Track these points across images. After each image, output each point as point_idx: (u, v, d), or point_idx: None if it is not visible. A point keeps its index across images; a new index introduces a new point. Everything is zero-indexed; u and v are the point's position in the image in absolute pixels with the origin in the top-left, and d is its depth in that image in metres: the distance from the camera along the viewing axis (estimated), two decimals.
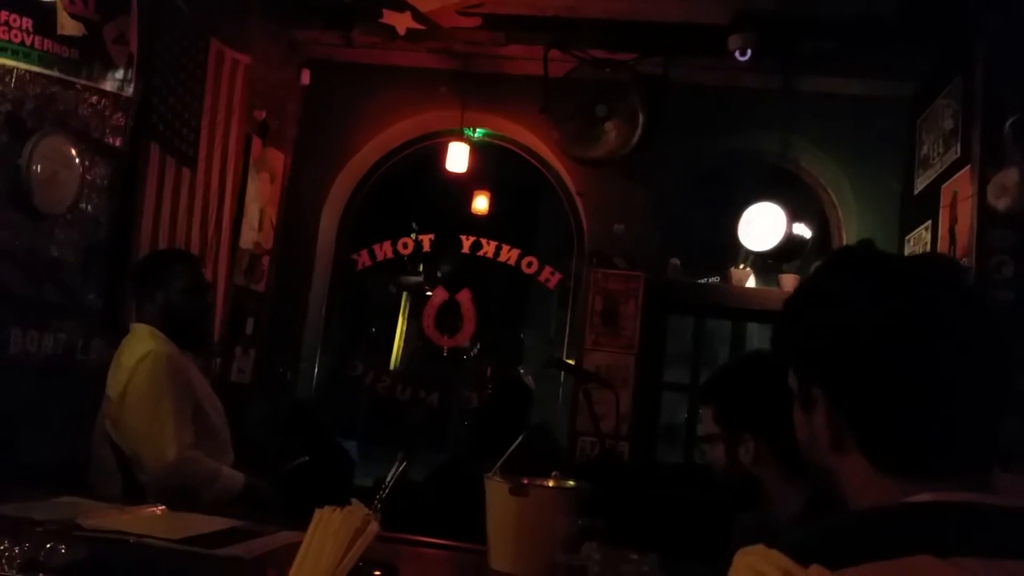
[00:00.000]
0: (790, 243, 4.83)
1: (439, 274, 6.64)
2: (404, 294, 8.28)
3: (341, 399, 6.05)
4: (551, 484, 1.91)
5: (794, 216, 4.82)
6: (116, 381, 2.54)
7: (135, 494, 2.38)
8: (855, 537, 0.78)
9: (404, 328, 7.74)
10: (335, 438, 4.86)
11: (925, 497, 0.81)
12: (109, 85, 3.27)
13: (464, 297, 5.43)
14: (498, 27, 4.50)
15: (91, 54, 3.13)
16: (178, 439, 2.43)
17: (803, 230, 4.90)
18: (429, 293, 5.72)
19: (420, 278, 7.72)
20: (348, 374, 5.45)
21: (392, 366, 6.84)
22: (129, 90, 3.36)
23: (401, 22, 4.35)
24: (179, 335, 2.67)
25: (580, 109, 4.65)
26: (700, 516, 2.51)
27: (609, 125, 4.66)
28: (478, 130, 5.26)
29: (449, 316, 5.44)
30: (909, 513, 0.81)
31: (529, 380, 3.93)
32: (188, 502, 2.27)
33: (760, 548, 0.78)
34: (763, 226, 4.82)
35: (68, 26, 2.98)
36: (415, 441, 5.56)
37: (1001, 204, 3.35)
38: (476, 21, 4.38)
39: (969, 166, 3.65)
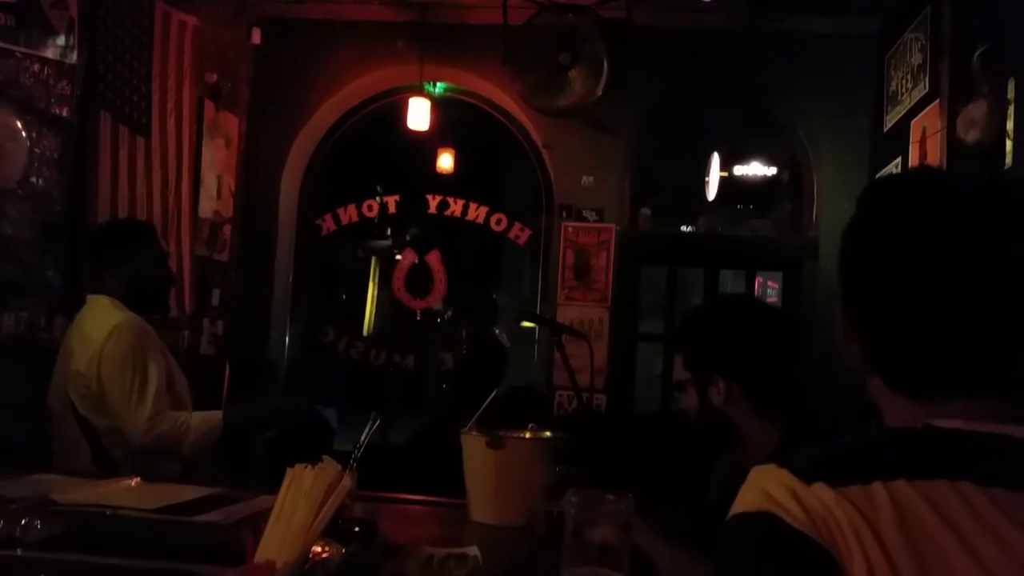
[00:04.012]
0: (732, 186, 4.85)
1: (407, 236, 6.56)
2: (373, 258, 8.19)
3: (315, 367, 5.99)
4: (527, 436, 1.90)
5: (731, 160, 4.84)
6: (84, 354, 2.44)
7: (106, 466, 2.33)
8: (866, 457, 0.76)
9: (375, 293, 7.66)
10: (314, 405, 4.79)
11: (954, 424, 0.76)
12: (51, 52, 3.13)
13: (433, 258, 5.37)
14: None
15: (28, 20, 2.99)
16: (157, 407, 2.40)
17: (759, 169, 4.89)
18: (398, 256, 5.64)
19: (388, 241, 7.63)
20: (320, 342, 5.38)
21: (365, 332, 6.77)
22: (72, 57, 3.23)
23: None
24: (142, 306, 2.59)
25: (543, 58, 4.55)
26: (676, 462, 2.51)
27: (573, 74, 4.56)
28: (438, 84, 5.15)
29: (419, 278, 5.38)
30: (929, 436, 0.77)
31: (503, 338, 3.89)
32: (173, 464, 2.26)
33: (771, 467, 0.77)
34: (712, 173, 4.91)
35: None
36: (393, 405, 5.52)
37: (970, 137, 3.32)
38: None
39: (938, 100, 3.63)
